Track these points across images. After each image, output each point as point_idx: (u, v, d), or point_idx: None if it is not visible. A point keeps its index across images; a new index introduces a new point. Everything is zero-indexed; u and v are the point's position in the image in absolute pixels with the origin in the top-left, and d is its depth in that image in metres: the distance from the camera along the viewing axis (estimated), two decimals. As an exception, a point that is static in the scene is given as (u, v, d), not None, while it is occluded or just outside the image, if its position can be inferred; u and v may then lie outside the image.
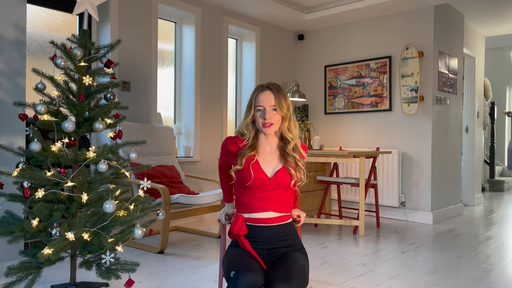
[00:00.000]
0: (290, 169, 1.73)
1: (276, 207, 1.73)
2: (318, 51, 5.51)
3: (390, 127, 4.80)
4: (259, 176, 1.71)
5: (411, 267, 2.92)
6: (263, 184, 1.71)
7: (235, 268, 1.56)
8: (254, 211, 1.73)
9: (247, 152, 1.73)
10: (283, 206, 1.75)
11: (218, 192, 3.46)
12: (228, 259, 1.67)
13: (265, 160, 1.75)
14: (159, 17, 4.32)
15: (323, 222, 3.88)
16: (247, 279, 1.49)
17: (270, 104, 1.71)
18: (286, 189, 1.75)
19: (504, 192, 7.46)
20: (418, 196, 4.58)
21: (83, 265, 2.18)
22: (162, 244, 3.15)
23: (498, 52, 8.00)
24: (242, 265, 1.57)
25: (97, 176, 2.06)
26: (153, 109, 4.03)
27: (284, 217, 1.76)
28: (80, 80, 2.13)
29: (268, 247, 1.71)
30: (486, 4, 4.64)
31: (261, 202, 1.72)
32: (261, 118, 1.71)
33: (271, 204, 1.73)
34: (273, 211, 1.73)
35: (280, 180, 1.72)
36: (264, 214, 1.72)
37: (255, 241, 1.71)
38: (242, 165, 1.71)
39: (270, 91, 1.73)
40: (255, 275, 1.51)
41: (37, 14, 3.50)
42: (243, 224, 1.70)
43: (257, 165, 1.73)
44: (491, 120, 7.53)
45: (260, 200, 1.72)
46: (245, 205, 1.74)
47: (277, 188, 1.72)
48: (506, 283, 2.61)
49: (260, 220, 1.72)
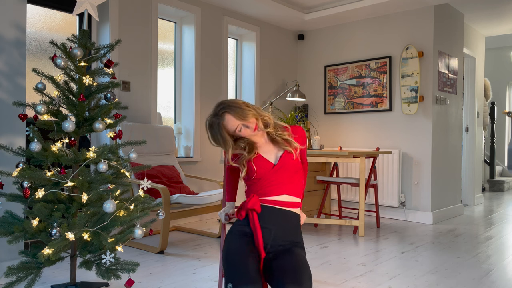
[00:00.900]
0: (289, 148, 1.79)
1: (289, 190, 1.78)
2: (318, 51, 5.51)
3: (390, 127, 4.80)
4: (263, 165, 1.77)
5: (411, 267, 2.92)
6: (269, 171, 1.76)
7: (234, 277, 1.55)
8: (267, 195, 1.76)
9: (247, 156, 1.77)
10: (295, 189, 1.81)
11: (218, 192, 3.47)
12: (227, 258, 1.66)
13: (265, 151, 1.81)
14: (159, 17, 4.32)
15: (323, 222, 3.88)
16: None
17: (234, 127, 1.72)
18: (295, 170, 1.80)
19: (504, 192, 7.46)
20: (418, 196, 4.58)
21: (83, 265, 2.18)
22: (162, 244, 3.15)
23: (498, 52, 8.00)
24: (240, 275, 1.55)
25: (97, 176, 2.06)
26: (153, 109, 4.03)
27: (297, 203, 1.81)
28: (80, 80, 2.13)
29: (277, 229, 1.72)
30: (486, 4, 4.64)
31: (274, 187, 1.76)
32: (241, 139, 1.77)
33: (284, 188, 1.77)
34: (287, 193, 1.77)
35: (286, 163, 1.77)
36: (280, 197, 1.76)
37: (266, 220, 1.72)
38: (245, 165, 1.76)
39: (227, 113, 1.71)
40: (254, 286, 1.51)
41: (37, 14, 3.50)
42: (257, 201, 1.72)
43: (259, 158, 1.78)
44: (491, 120, 7.53)
45: (270, 186, 1.76)
46: (258, 192, 1.76)
47: (285, 172, 1.77)
48: (506, 283, 2.61)
49: (273, 202, 1.75)
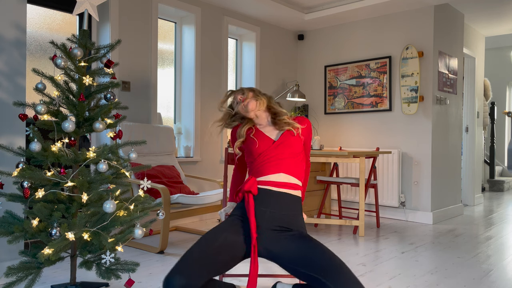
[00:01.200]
0: (291, 128, 1.85)
1: (286, 169, 1.79)
2: (318, 51, 5.51)
3: (390, 127, 4.80)
4: (264, 140, 1.83)
5: (411, 267, 2.92)
6: (270, 147, 1.81)
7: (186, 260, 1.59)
8: (266, 173, 1.78)
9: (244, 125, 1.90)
10: (294, 169, 1.81)
11: (218, 192, 3.47)
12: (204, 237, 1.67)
13: (266, 130, 1.89)
14: (159, 17, 4.32)
15: (323, 222, 3.88)
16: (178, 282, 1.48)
17: (239, 96, 1.92)
18: (296, 150, 1.83)
19: (504, 192, 7.46)
20: (418, 196, 4.58)
21: (83, 265, 2.18)
22: (162, 244, 3.15)
23: (498, 52, 8.00)
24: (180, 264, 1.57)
25: (97, 176, 2.06)
26: (153, 109, 4.03)
27: (295, 185, 1.80)
28: (80, 80, 2.13)
29: (272, 211, 1.73)
30: (486, 4, 4.64)
31: (271, 164, 1.78)
32: (238, 105, 1.91)
33: (281, 166, 1.79)
34: (284, 172, 1.78)
35: (287, 139, 1.82)
36: (277, 176, 1.77)
37: (260, 202, 1.74)
38: (243, 136, 1.86)
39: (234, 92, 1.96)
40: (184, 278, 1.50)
41: (37, 14, 3.50)
42: (255, 183, 1.74)
43: (259, 133, 1.87)
44: (491, 120, 7.53)
45: (270, 161, 1.79)
46: (257, 171, 1.81)
47: (285, 148, 1.81)
48: (506, 283, 2.61)
49: (271, 183, 1.77)
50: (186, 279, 1.50)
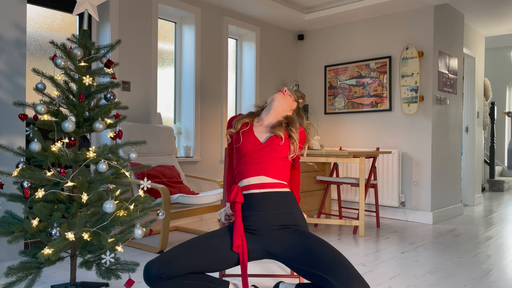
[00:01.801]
0: (281, 133, 1.84)
1: (268, 172, 1.79)
2: (318, 51, 5.51)
3: (390, 127, 4.80)
4: (252, 141, 1.84)
5: (411, 267, 2.92)
6: (255, 149, 1.82)
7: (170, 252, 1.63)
8: (248, 176, 1.80)
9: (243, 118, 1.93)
10: (276, 171, 1.81)
11: (218, 192, 3.46)
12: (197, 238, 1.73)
13: (259, 130, 1.89)
14: (159, 17, 4.32)
15: (323, 222, 3.88)
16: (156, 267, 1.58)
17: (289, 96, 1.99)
18: (279, 155, 1.83)
19: (504, 192, 7.46)
20: (418, 196, 4.58)
21: (83, 265, 2.18)
22: (162, 244, 3.15)
23: (498, 52, 8.00)
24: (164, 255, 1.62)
25: (97, 176, 2.06)
26: (153, 109, 4.03)
27: (279, 184, 1.81)
28: (80, 80, 2.13)
29: (263, 212, 1.74)
30: (486, 4, 4.64)
31: (254, 166, 1.80)
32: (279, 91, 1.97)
33: (263, 168, 1.80)
34: (265, 175, 1.79)
35: (272, 144, 1.82)
36: (257, 178, 1.78)
37: (248, 208, 1.75)
38: (236, 128, 1.89)
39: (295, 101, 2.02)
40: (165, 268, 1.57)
41: (37, 14, 3.50)
42: (239, 192, 1.76)
43: (250, 132, 1.88)
44: (491, 120, 7.53)
45: (253, 164, 1.80)
46: (241, 172, 1.83)
47: (269, 152, 1.81)
48: (506, 283, 2.61)
49: (254, 186, 1.78)
50: (162, 267, 1.57)
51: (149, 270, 1.57)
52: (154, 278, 1.56)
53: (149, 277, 1.57)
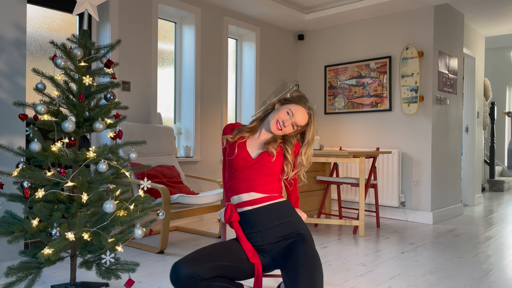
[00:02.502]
0: (272, 150, 1.79)
1: (258, 188, 1.77)
2: (318, 51, 5.51)
3: (390, 127, 4.80)
4: (243, 156, 1.80)
5: (411, 267, 2.92)
6: (245, 165, 1.79)
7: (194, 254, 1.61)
8: (238, 192, 1.79)
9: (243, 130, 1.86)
10: (266, 187, 1.79)
11: (218, 192, 3.46)
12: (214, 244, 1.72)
13: (252, 145, 1.85)
14: (159, 17, 4.32)
15: (323, 222, 3.88)
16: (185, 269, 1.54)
17: (299, 123, 1.80)
18: (270, 172, 1.80)
19: (504, 192, 7.46)
20: (418, 196, 4.58)
21: (83, 265, 2.18)
22: (162, 244, 3.15)
23: (498, 52, 8.00)
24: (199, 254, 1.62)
25: (97, 176, 2.06)
26: (153, 109, 4.03)
27: (270, 197, 1.79)
28: (80, 80, 2.13)
29: (264, 228, 1.74)
30: (486, 4, 4.64)
31: (244, 183, 1.78)
32: (280, 122, 1.78)
33: (253, 184, 1.78)
34: (255, 191, 1.77)
35: (262, 161, 1.79)
36: (247, 195, 1.77)
37: (249, 226, 1.75)
38: (233, 138, 1.83)
39: (309, 117, 1.82)
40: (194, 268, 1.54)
41: (37, 14, 3.50)
42: (233, 210, 1.76)
43: (244, 147, 1.83)
44: (491, 120, 7.53)
45: (243, 180, 1.78)
46: (232, 188, 1.82)
47: (259, 169, 1.79)
48: (506, 283, 2.61)
49: (246, 203, 1.77)
50: (192, 268, 1.54)
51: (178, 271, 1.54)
52: (185, 278, 1.53)
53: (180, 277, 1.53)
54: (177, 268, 1.55)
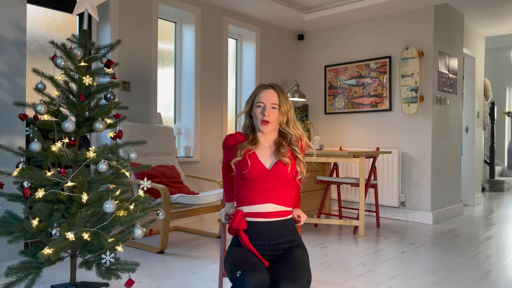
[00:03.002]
0: (287, 160, 1.74)
1: (275, 199, 1.73)
2: (318, 51, 5.51)
3: (390, 127, 4.80)
4: (258, 167, 1.74)
5: (411, 267, 2.92)
6: (262, 176, 1.73)
7: (241, 267, 1.54)
8: (253, 203, 1.73)
9: (246, 145, 1.78)
10: (283, 199, 1.75)
11: (218, 192, 3.47)
12: (231, 259, 1.66)
13: (263, 154, 1.78)
14: (159, 17, 4.32)
15: (323, 222, 3.88)
16: (254, 278, 1.48)
17: (271, 102, 1.77)
18: (286, 182, 1.76)
19: (504, 192, 7.46)
20: (418, 196, 4.58)
21: (83, 265, 2.18)
22: (162, 244, 3.15)
23: (498, 52, 8.00)
24: (247, 264, 1.56)
25: (97, 176, 2.06)
26: (153, 109, 4.03)
27: (285, 212, 1.76)
28: (80, 80, 2.13)
29: (270, 243, 1.71)
30: (486, 4, 4.64)
31: (260, 194, 1.72)
32: (260, 115, 1.76)
33: (270, 196, 1.73)
34: (272, 203, 1.73)
35: (278, 171, 1.74)
36: (263, 206, 1.72)
37: (256, 238, 1.71)
38: (241, 156, 1.75)
39: (273, 90, 1.79)
40: (262, 274, 1.50)
41: (37, 14, 3.50)
42: (242, 218, 1.71)
43: (255, 157, 1.76)
44: (491, 120, 7.53)
45: (259, 192, 1.73)
46: (245, 198, 1.75)
47: (276, 180, 1.74)
48: (506, 283, 2.61)
49: (260, 214, 1.72)
50: (260, 273, 1.51)
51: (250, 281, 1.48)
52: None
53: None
54: (247, 279, 1.49)
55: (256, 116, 1.78)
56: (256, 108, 1.78)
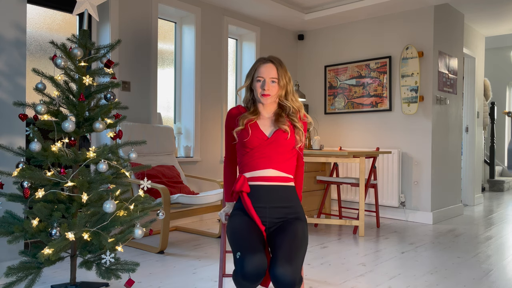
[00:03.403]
0: (286, 128, 1.85)
1: (276, 165, 1.84)
2: (318, 51, 5.51)
3: (390, 127, 4.80)
4: (258, 135, 1.85)
5: (411, 267, 2.92)
6: (262, 143, 1.84)
7: (241, 248, 1.63)
8: (255, 169, 1.83)
9: (248, 115, 1.89)
10: (283, 165, 1.85)
11: (218, 192, 3.47)
12: (233, 234, 1.74)
13: (263, 123, 1.90)
14: (159, 17, 4.32)
15: (323, 222, 3.88)
16: (253, 261, 1.55)
17: (270, 76, 1.86)
18: (286, 149, 1.86)
19: (504, 192, 7.47)
20: (418, 196, 4.58)
21: (83, 265, 2.18)
22: (162, 244, 3.15)
23: (498, 52, 8.00)
24: (247, 245, 1.63)
25: (97, 176, 2.06)
26: (153, 109, 4.03)
27: (285, 178, 1.86)
28: (80, 80, 2.13)
29: (270, 206, 1.80)
30: (486, 4, 4.64)
31: (261, 160, 1.83)
32: (260, 89, 1.86)
33: (271, 162, 1.83)
34: (273, 168, 1.83)
35: (278, 139, 1.85)
36: (264, 171, 1.83)
37: (257, 200, 1.80)
38: (243, 125, 1.86)
39: (272, 64, 1.88)
40: (261, 257, 1.57)
41: (37, 14, 3.50)
42: (245, 182, 1.80)
43: (256, 126, 1.88)
44: (491, 120, 7.53)
45: (260, 158, 1.83)
46: (247, 165, 1.86)
47: (276, 147, 1.84)
48: (506, 283, 2.61)
49: (261, 178, 1.82)
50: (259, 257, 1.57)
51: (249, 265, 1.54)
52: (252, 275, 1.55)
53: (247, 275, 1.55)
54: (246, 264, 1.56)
55: (256, 90, 1.88)
56: (256, 83, 1.88)
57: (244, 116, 1.89)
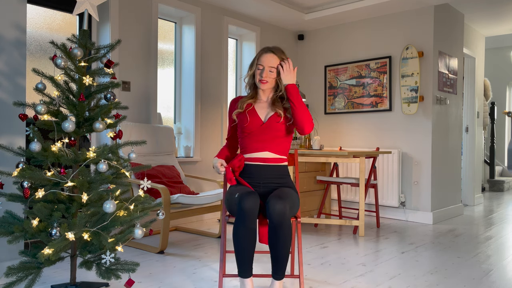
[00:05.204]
0: (280, 111, 2.13)
1: (271, 148, 2.14)
2: (318, 51, 5.51)
3: (390, 127, 4.80)
4: (255, 120, 2.13)
5: (411, 267, 2.92)
6: (259, 129, 2.13)
7: (238, 191, 1.95)
8: (252, 151, 2.14)
9: (246, 100, 2.19)
10: (278, 148, 2.15)
11: (218, 192, 3.47)
12: (231, 191, 2.06)
13: (260, 107, 2.19)
14: (159, 17, 4.32)
15: (323, 222, 3.88)
16: (250, 198, 1.88)
17: (269, 65, 2.13)
18: (280, 134, 2.14)
19: (504, 192, 7.47)
20: (418, 196, 4.58)
21: (83, 265, 2.18)
22: (162, 244, 3.15)
23: (498, 52, 8.01)
24: (244, 189, 1.98)
25: (97, 176, 2.06)
26: (153, 109, 4.03)
27: (279, 159, 2.16)
28: (80, 80, 2.13)
29: (264, 182, 2.12)
30: (486, 4, 4.64)
31: (259, 143, 2.12)
32: (259, 76, 2.14)
33: (267, 145, 2.13)
34: (269, 151, 2.13)
35: (272, 124, 2.12)
36: (261, 153, 2.12)
37: (253, 177, 2.12)
38: (242, 108, 2.16)
39: (273, 54, 2.14)
40: (256, 196, 1.91)
41: (37, 14, 3.50)
42: (242, 161, 2.10)
43: (253, 111, 2.17)
44: (491, 120, 7.53)
45: (257, 141, 2.12)
46: (247, 147, 2.15)
47: (271, 132, 2.13)
48: (506, 283, 2.61)
49: (258, 159, 2.13)
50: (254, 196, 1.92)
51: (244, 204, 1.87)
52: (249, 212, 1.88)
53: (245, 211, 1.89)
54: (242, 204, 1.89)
55: (256, 77, 2.16)
56: (256, 70, 2.16)
57: (243, 100, 2.19)
